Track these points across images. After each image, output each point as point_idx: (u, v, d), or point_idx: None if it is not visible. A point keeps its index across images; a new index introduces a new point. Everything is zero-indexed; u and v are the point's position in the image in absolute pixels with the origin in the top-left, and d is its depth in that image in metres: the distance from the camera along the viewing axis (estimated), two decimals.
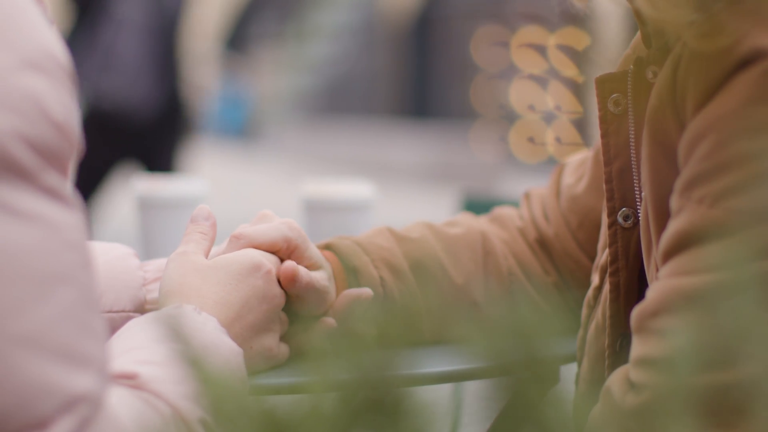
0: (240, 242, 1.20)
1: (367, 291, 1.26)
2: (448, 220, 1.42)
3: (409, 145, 14.22)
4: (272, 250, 1.21)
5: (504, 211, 1.44)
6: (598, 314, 1.18)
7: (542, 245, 1.41)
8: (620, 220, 1.15)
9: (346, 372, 0.57)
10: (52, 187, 0.81)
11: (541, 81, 14.69)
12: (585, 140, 14.04)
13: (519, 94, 14.87)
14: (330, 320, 1.24)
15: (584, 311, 1.21)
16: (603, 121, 1.16)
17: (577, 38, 14.17)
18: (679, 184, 0.99)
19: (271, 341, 1.17)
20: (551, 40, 14.50)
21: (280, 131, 18.20)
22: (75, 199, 0.83)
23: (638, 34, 1.16)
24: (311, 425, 0.56)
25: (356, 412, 0.57)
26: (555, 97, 14.55)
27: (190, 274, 1.14)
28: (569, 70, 14.39)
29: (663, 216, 1.02)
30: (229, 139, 19.87)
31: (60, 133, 0.81)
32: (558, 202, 1.41)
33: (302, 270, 1.20)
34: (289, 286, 1.19)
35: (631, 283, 1.14)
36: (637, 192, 1.14)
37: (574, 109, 14.31)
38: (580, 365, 1.19)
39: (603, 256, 1.20)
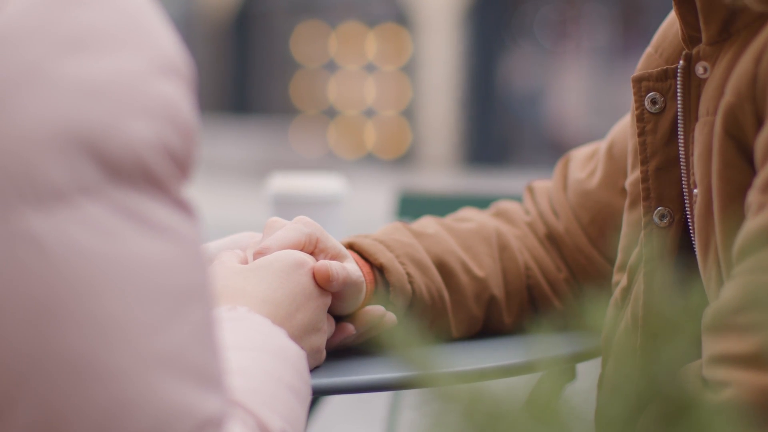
0: (266, 255, 1.13)
1: (390, 316, 1.21)
2: (455, 215, 1.38)
3: (230, 142, 14.11)
4: (300, 250, 1.15)
5: (507, 206, 1.40)
6: (627, 315, 1.15)
7: (552, 241, 1.38)
8: (656, 219, 1.14)
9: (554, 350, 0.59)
10: (182, 198, 0.77)
11: (360, 76, 14.78)
12: (405, 135, 14.21)
13: (339, 89, 14.93)
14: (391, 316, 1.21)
15: (610, 311, 1.18)
16: (640, 119, 1.14)
17: (397, 33, 14.32)
18: (758, 181, 0.97)
19: (320, 341, 1.12)
20: (371, 36, 14.61)
21: None
22: (197, 210, 0.79)
23: (678, 31, 1.14)
24: (532, 409, 0.58)
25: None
26: (374, 93, 14.66)
27: (230, 276, 1.09)
28: (389, 66, 14.54)
29: (734, 211, 1.01)
30: None
31: (189, 141, 0.77)
32: (566, 197, 1.38)
33: (335, 266, 1.14)
34: (326, 284, 1.13)
35: (666, 283, 1.12)
36: (685, 189, 1.12)
37: (394, 104, 14.46)
38: (605, 367, 1.17)
39: (632, 255, 1.18)
